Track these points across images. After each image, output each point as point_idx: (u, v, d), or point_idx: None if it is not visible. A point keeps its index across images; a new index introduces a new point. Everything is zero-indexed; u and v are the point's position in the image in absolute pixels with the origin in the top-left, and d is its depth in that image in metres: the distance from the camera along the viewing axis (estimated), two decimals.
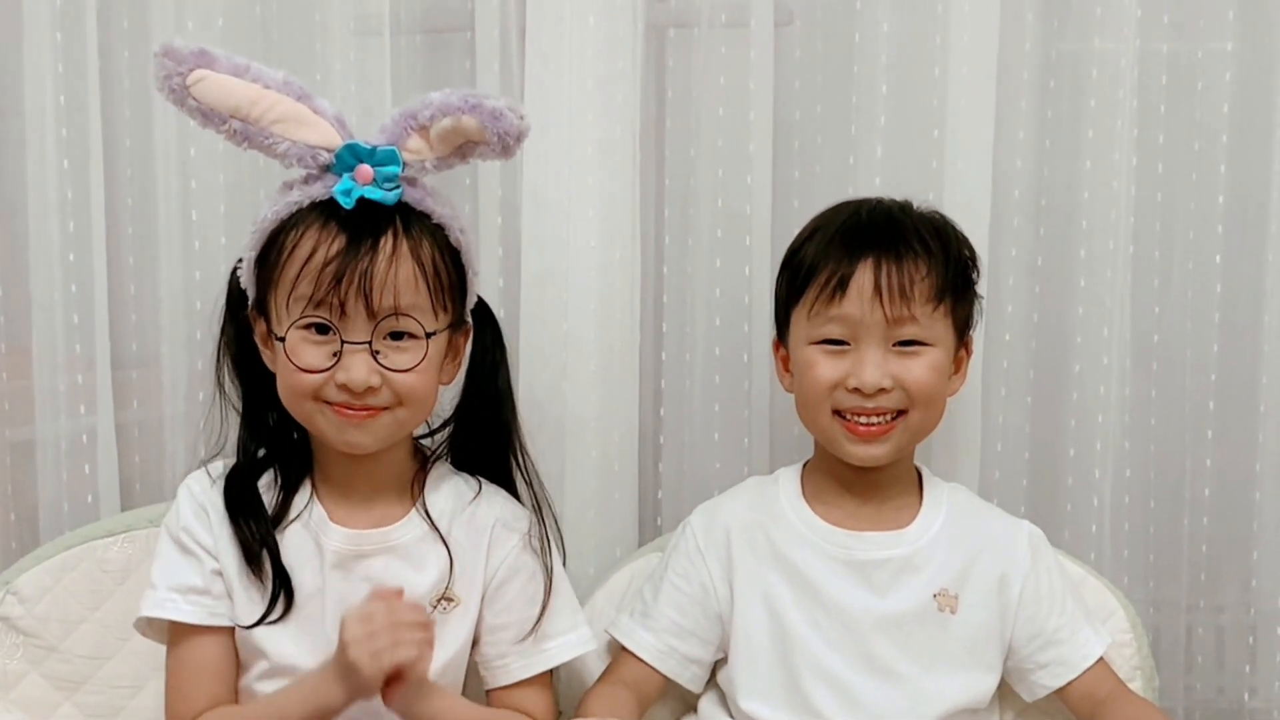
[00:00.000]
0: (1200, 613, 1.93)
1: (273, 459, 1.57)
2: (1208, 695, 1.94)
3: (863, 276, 1.55)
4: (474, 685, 1.60)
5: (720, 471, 1.89)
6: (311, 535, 1.52)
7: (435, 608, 1.51)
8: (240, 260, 1.52)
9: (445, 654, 1.52)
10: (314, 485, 1.55)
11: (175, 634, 1.51)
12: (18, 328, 1.81)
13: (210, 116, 1.44)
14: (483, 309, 1.60)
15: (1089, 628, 1.63)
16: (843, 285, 1.56)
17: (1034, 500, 1.89)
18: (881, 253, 1.56)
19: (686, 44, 1.85)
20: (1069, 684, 1.60)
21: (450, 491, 1.58)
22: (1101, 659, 1.62)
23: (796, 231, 1.67)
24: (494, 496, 1.60)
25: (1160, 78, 1.85)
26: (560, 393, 1.81)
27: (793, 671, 1.58)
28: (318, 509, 1.54)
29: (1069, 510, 1.88)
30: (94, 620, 1.63)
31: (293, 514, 1.53)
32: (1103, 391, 1.86)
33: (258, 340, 1.52)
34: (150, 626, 1.52)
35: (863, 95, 1.83)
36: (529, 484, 1.62)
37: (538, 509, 1.61)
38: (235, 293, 1.55)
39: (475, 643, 1.57)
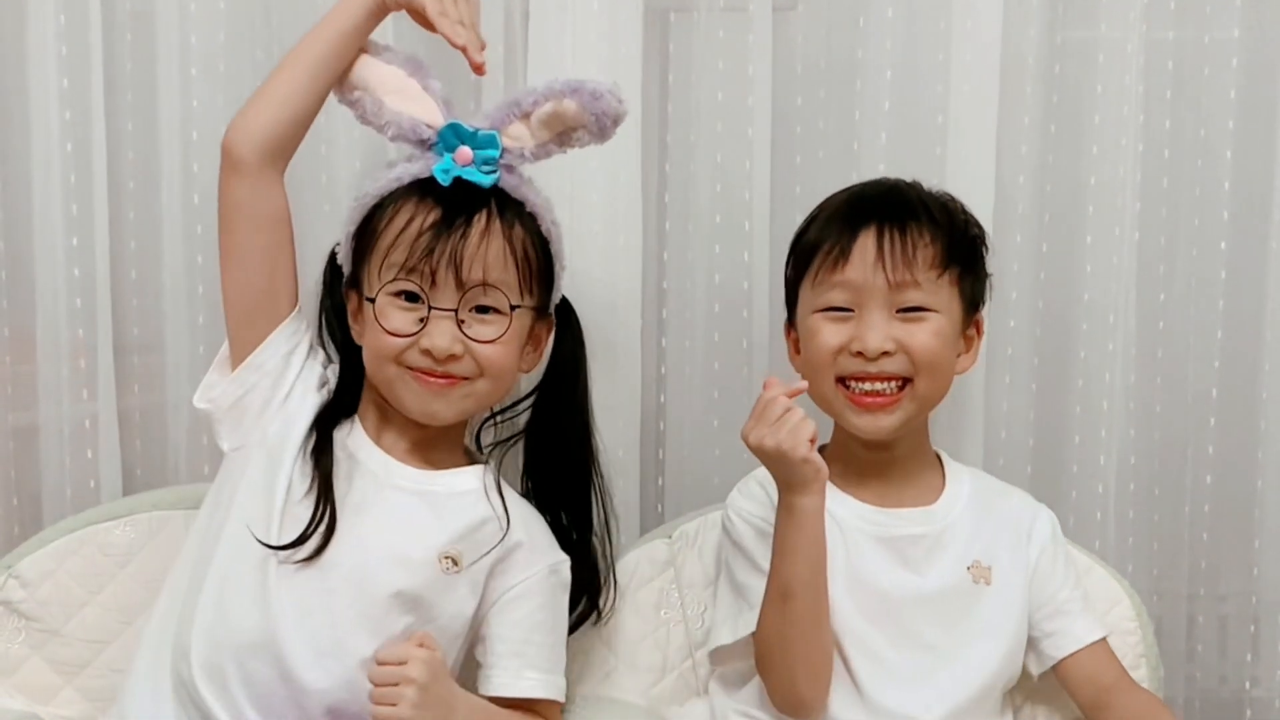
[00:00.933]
0: (1202, 601, 1.93)
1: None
2: (1210, 684, 1.94)
3: (865, 242, 1.56)
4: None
5: (721, 458, 1.88)
6: (348, 452, 1.54)
7: (440, 564, 1.52)
8: (339, 243, 1.57)
9: (445, 616, 1.52)
10: (362, 426, 1.57)
11: None
12: (20, 312, 1.80)
13: (344, 86, 1.54)
14: (565, 306, 1.63)
15: (1093, 613, 1.65)
16: (845, 252, 1.56)
17: (1038, 488, 1.87)
18: (884, 220, 1.57)
19: (687, 28, 1.84)
20: (1071, 657, 1.61)
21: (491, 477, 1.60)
22: (1106, 645, 1.63)
23: (798, 217, 1.68)
24: (532, 512, 1.61)
25: (1166, 64, 1.85)
26: None
27: (835, 642, 1.57)
28: (361, 435, 1.56)
29: (1073, 498, 1.88)
30: (96, 604, 1.63)
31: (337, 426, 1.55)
32: (1108, 379, 1.86)
33: (350, 317, 1.57)
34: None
35: (867, 81, 1.83)
36: (599, 502, 1.65)
37: (595, 535, 1.64)
38: (332, 271, 1.60)
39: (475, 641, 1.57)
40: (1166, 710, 1.61)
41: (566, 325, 1.64)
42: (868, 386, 1.57)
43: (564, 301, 1.63)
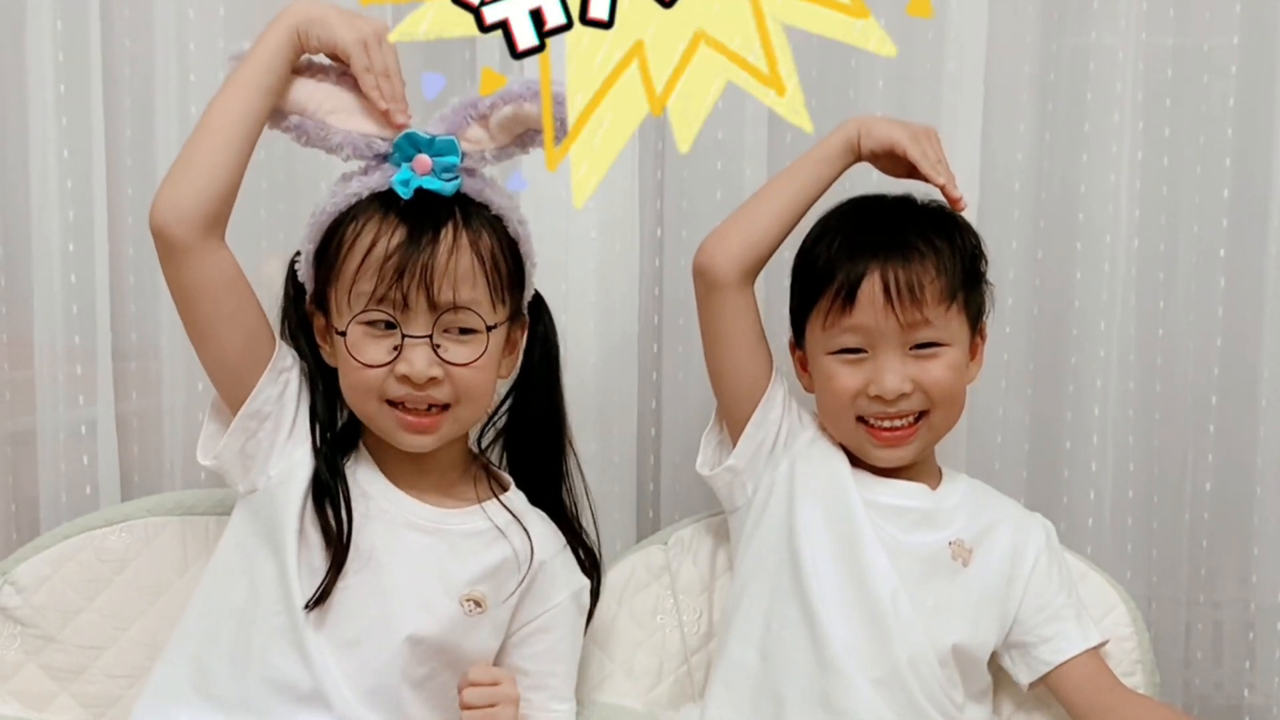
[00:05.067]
0: (1199, 608, 1.94)
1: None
2: (1206, 691, 1.94)
3: (872, 285, 1.55)
4: None
5: None
6: (359, 487, 1.51)
7: (463, 606, 1.51)
8: (298, 254, 1.52)
9: (471, 657, 1.51)
10: (369, 453, 1.55)
11: None
12: (18, 318, 1.80)
13: (274, 115, 1.45)
14: (538, 301, 1.59)
15: (1090, 619, 1.64)
16: (852, 296, 1.56)
17: (1033, 493, 1.89)
18: (888, 257, 1.55)
19: None
20: (1068, 662, 1.60)
21: (517, 502, 1.58)
22: (1099, 655, 1.63)
23: None
24: (555, 533, 1.59)
25: (1165, 71, 1.85)
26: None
27: (800, 576, 1.58)
28: (370, 468, 1.53)
29: (1065, 503, 1.89)
30: (92, 610, 1.62)
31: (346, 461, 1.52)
32: (1100, 385, 1.86)
33: (316, 335, 1.52)
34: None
35: (860, 90, 1.84)
36: (569, 490, 1.63)
37: (576, 520, 1.62)
38: (293, 286, 1.54)
39: None
40: (1171, 709, 1.62)
41: (538, 318, 1.59)
42: (887, 424, 1.59)
43: (535, 295, 1.59)
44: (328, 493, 1.48)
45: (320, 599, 1.45)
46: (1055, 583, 1.63)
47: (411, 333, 1.43)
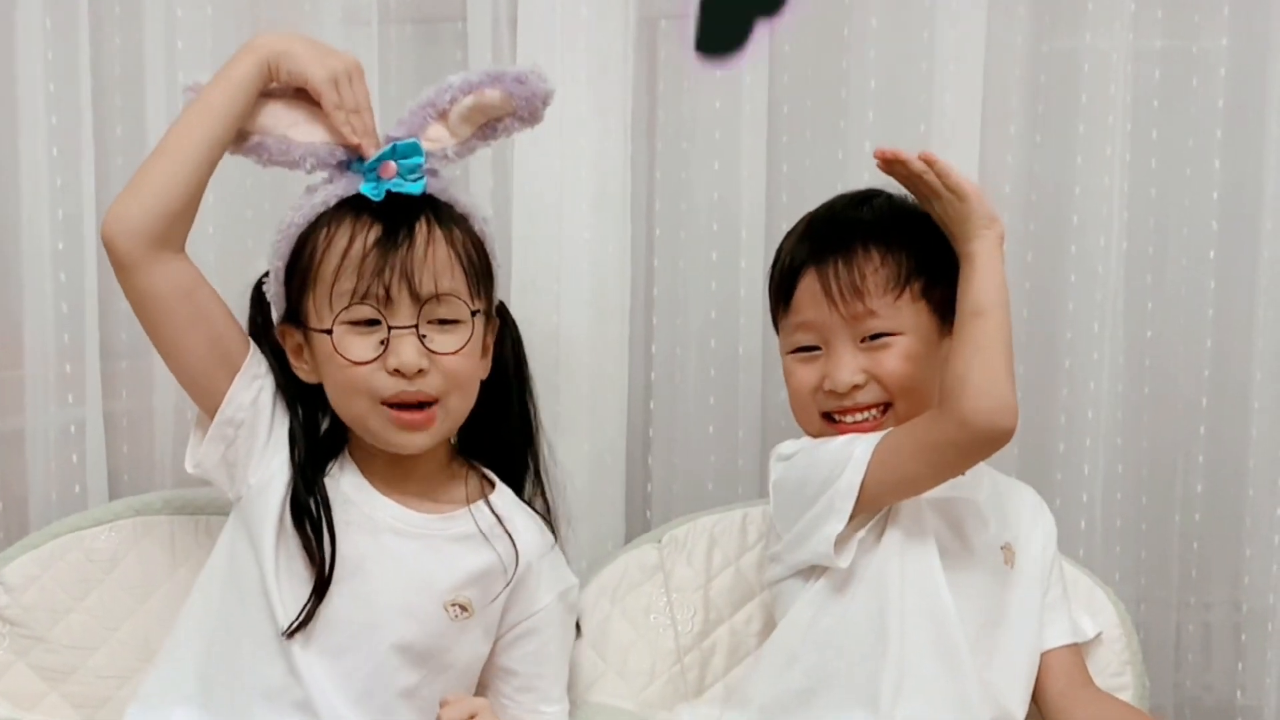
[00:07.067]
0: (1190, 610, 1.94)
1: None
2: (1197, 693, 1.95)
3: (811, 282, 1.56)
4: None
5: (714, 464, 1.89)
6: (342, 494, 1.50)
7: (448, 612, 1.50)
8: (264, 275, 1.51)
9: (462, 662, 1.52)
10: (352, 459, 1.54)
11: None
12: (8, 317, 1.79)
13: (236, 139, 1.46)
14: (501, 310, 1.59)
15: (1081, 610, 1.65)
16: (789, 294, 1.57)
17: None
18: (828, 254, 1.55)
19: (679, 35, 1.85)
20: (1049, 653, 1.60)
21: (507, 501, 1.57)
22: (1079, 650, 1.63)
23: (784, 226, 1.67)
24: (542, 532, 1.58)
25: (1154, 73, 1.86)
26: (553, 387, 1.81)
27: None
28: (354, 473, 1.52)
29: (1057, 505, 1.88)
30: (81, 610, 1.61)
31: (327, 472, 1.52)
32: (1093, 387, 1.86)
33: (290, 355, 1.51)
34: None
35: (851, 90, 1.84)
36: (544, 486, 1.62)
37: (549, 522, 1.61)
38: (260, 313, 1.53)
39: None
40: (1140, 713, 1.61)
41: (504, 325, 1.60)
42: (849, 419, 1.57)
43: (499, 303, 1.59)
44: (307, 514, 1.47)
45: (302, 624, 1.44)
46: (1055, 573, 1.64)
47: (397, 324, 1.43)
